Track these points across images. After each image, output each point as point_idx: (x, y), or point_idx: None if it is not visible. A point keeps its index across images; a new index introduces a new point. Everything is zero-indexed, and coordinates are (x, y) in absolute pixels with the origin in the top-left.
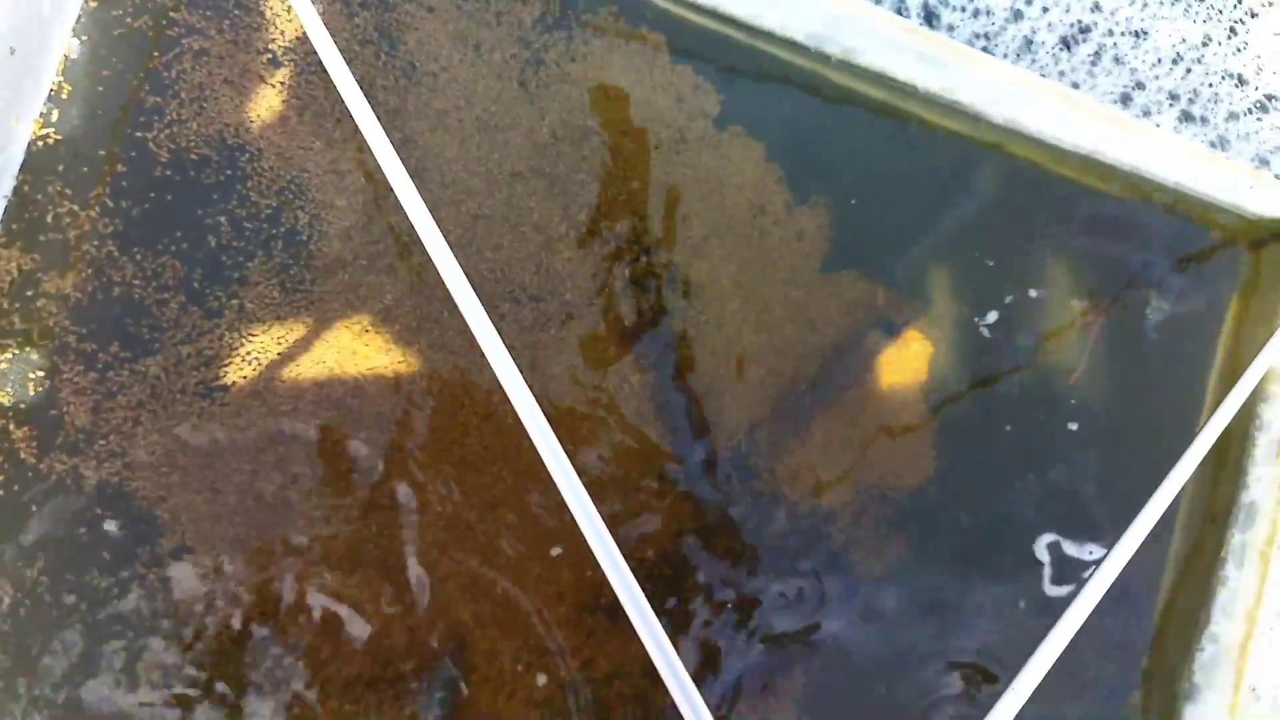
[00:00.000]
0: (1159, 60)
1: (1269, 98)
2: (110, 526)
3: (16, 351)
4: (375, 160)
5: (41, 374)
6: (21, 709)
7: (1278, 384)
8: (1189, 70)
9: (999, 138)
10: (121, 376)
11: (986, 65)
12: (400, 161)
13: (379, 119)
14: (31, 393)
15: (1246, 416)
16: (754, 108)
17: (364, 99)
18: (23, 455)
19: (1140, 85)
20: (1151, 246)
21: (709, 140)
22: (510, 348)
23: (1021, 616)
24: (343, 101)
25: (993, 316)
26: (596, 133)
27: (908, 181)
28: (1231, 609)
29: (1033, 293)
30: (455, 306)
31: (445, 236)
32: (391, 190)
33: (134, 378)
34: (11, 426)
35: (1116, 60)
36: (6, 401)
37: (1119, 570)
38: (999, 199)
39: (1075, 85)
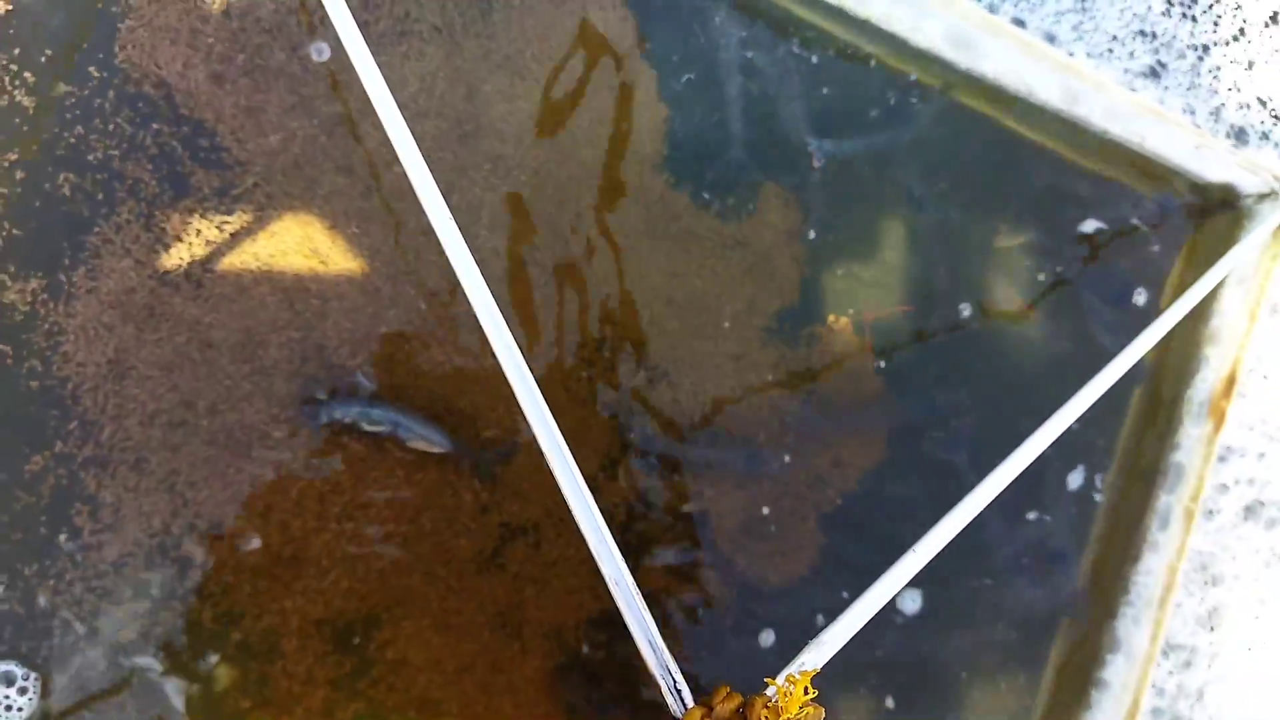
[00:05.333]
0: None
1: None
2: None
3: None
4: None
5: None
6: None
7: (1210, 347)
8: None
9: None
10: (63, 260)
11: None
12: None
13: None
14: None
15: (1178, 379)
16: None
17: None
18: None
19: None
20: (1099, 204)
21: None
22: None
23: None
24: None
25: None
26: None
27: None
28: (1155, 564)
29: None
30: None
31: None
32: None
33: (73, 260)
34: None
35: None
36: None
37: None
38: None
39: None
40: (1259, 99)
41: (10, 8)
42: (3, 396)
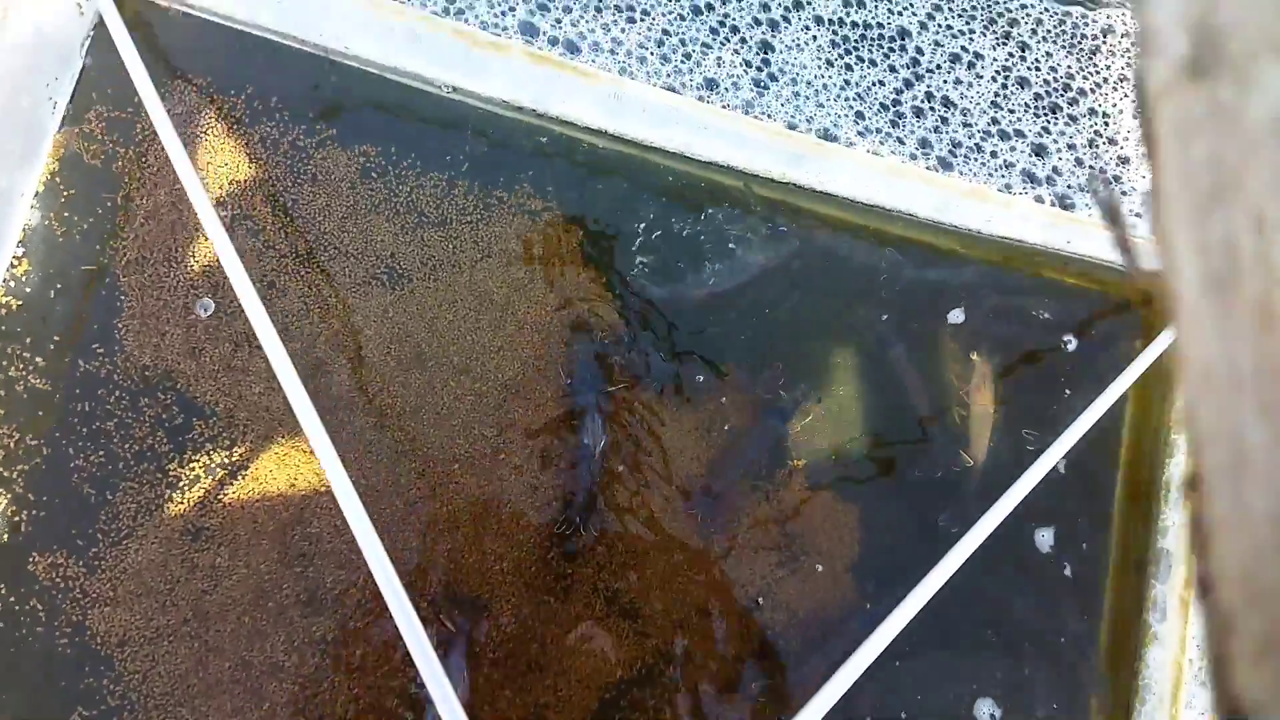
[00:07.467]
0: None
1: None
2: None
3: None
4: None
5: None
6: None
7: (1182, 434)
8: None
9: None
10: (85, 530)
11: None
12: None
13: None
14: None
15: (1155, 466)
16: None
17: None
18: None
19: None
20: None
21: None
22: None
23: None
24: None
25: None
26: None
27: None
28: (1162, 659)
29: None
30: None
31: None
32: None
33: (94, 530)
34: None
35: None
36: None
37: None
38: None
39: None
40: None
41: (20, 303)
42: (36, 659)
